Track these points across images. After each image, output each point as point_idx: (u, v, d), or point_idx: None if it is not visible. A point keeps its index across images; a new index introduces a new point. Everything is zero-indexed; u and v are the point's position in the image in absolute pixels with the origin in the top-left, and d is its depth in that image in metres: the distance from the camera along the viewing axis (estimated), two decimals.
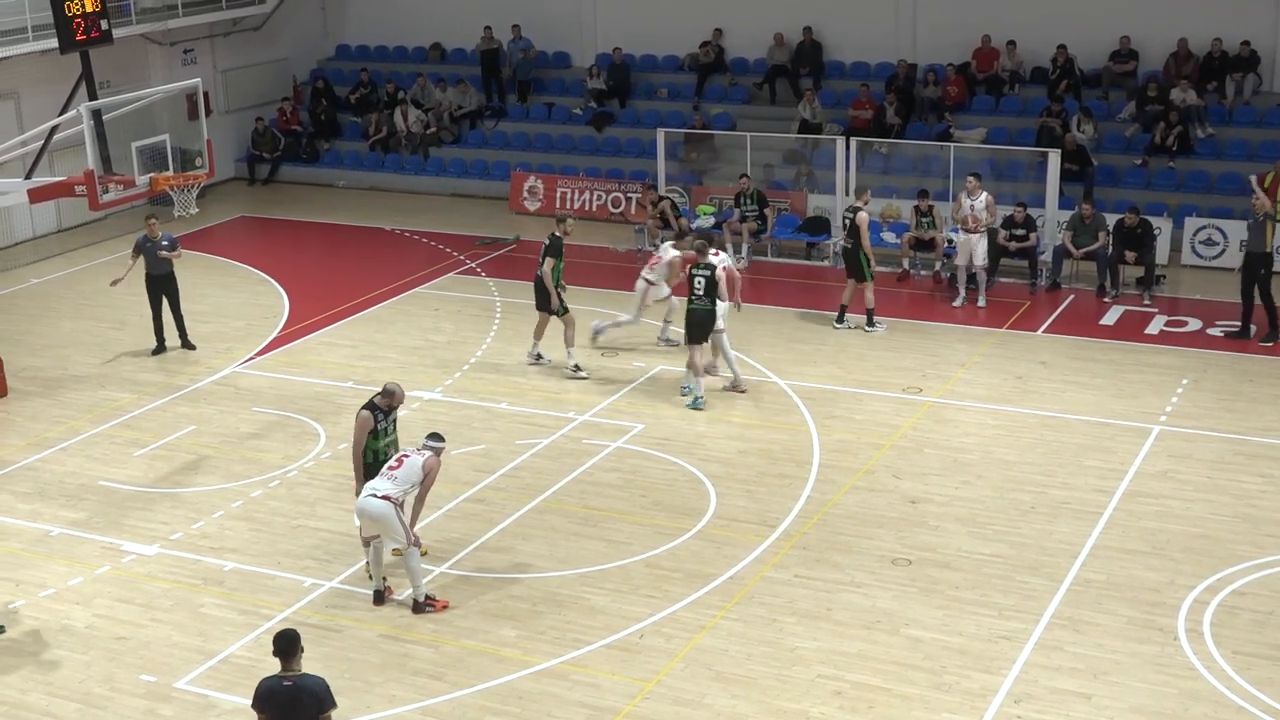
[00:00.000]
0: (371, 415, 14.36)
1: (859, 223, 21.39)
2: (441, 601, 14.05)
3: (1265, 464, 16.86)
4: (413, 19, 34.45)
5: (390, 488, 13.68)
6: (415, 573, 13.94)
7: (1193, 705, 12.20)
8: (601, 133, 30.94)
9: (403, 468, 13.82)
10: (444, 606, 14.01)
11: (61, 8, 19.82)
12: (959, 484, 16.52)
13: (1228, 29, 27.25)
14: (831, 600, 14.01)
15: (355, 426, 14.44)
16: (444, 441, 14.20)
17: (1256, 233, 20.68)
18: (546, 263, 19.77)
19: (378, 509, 13.63)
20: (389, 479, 13.76)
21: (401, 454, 14.02)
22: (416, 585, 13.99)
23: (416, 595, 14.01)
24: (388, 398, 14.53)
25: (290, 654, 10.07)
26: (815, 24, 30.17)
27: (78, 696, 12.80)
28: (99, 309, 23.90)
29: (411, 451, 14.01)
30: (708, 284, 18.66)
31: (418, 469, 13.77)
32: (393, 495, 13.64)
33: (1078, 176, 25.89)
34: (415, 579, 13.96)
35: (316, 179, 32.66)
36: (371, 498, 13.67)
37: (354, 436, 14.46)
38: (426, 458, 13.85)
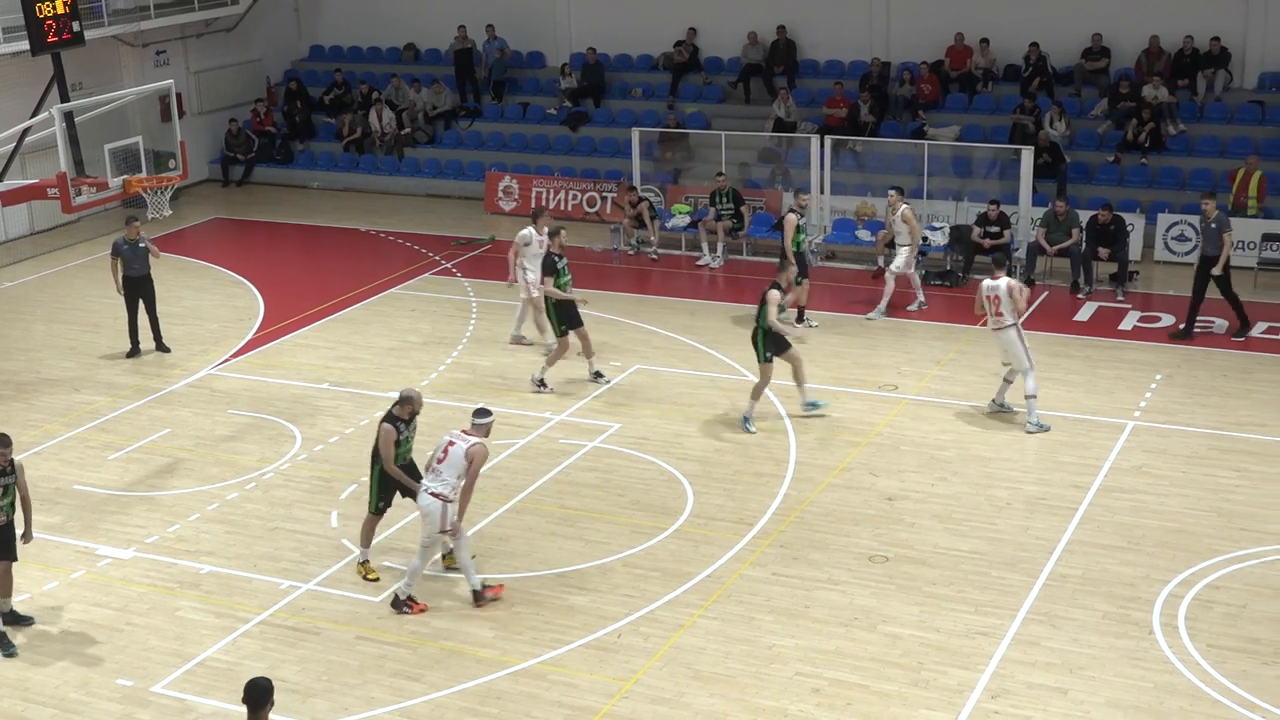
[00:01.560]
0: (394, 428, 14.10)
1: (785, 223, 21.25)
2: (420, 605, 14.02)
3: (1239, 458, 16.95)
4: (386, 19, 34.38)
5: (440, 485, 13.55)
6: (414, 573, 13.89)
7: (1168, 699, 12.26)
8: (576, 132, 30.93)
9: (448, 458, 13.57)
10: (421, 610, 13.97)
11: (33, 9, 19.74)
12: (935, 481, 16.58)
13: (1199, 26, 27.40)
14: (809, 598, 14.04)
15: (380, 442, 14.15)
16: (491, 416, 13.98)
17: (1209, 237, 20.70)
18: (546, 282, 19.15)
19: (424, 504, 13.59)
20: (436, 475, 13.61)
21: (448, 440, 13.70)
22: (408, 583, 13.91)
23: (400, 592, 13.97)
24: (406, 405, 14.21)
25: (260, 704, 9.73)
26: (789, 23, 30.23)
27: (53, 702, 12.75)
28: (73, 312, 23.79)
29: (457, 435, 13.73)
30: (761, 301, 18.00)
31: (461, 458, 13.52)
32: (445, 493, 13.52)
33: (1051, 173, 25.99)
34: (411, 578, 13.90)
35: (291, 180, 32.57)
36: (425, 492, 13.63)
37: (383, 452, 14.12)
38: (471, 445, 13.54)
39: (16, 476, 13.54)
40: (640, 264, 25.94)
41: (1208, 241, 20.69)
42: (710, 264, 25.48)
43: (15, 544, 13.69)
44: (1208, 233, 20.67)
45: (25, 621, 13.93)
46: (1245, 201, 24.49)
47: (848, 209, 26.14)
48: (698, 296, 23.94)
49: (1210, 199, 20.83)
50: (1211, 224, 20.58)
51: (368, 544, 14.72)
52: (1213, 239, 20.58)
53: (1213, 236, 20.58)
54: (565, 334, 19.35)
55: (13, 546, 13.65)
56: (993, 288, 17.82)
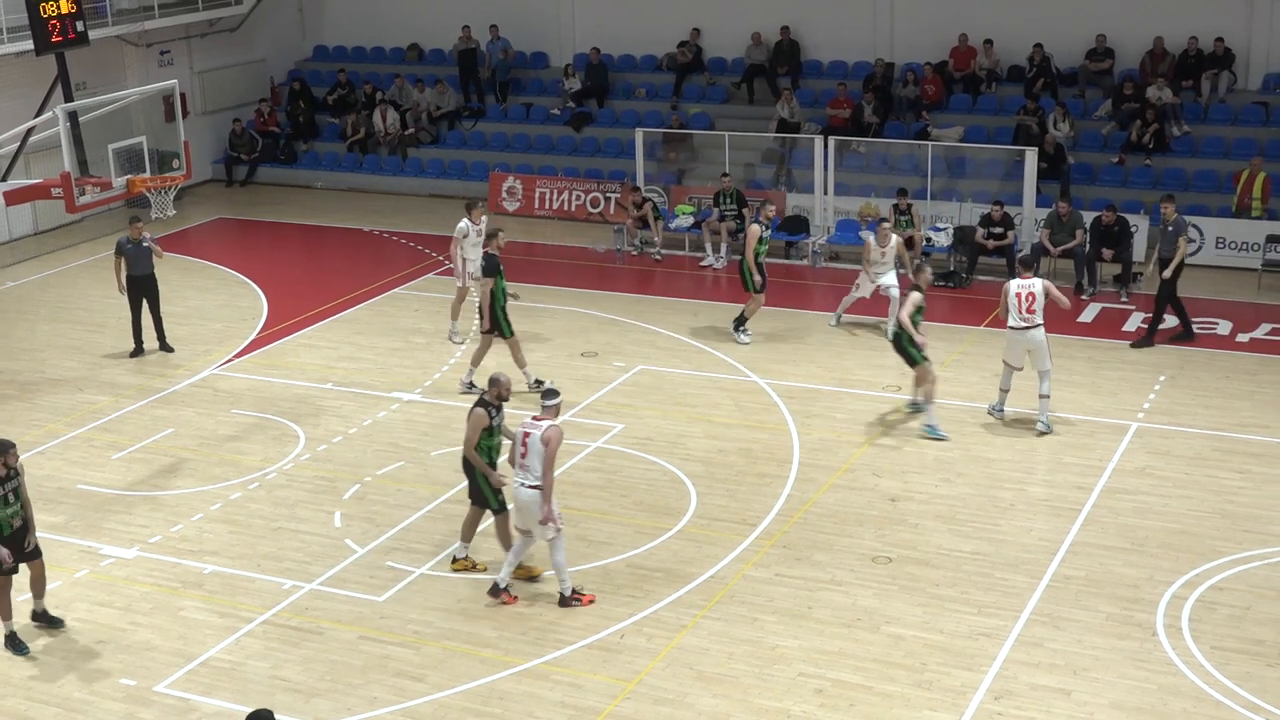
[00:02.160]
0: (486, 412, 14.06)
1: (748, 234, 20.73)
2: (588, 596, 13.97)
3: (1242, 460, 16.94)
4: (390, 20, 34.40)
5: (534, 478, 13.58)
6: (560, 567, 13.87)
7: (1171, 700, 12.25)
8: (580, 133, 30.93)
9: (529, 450, 13.59)
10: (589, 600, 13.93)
11: (37, 9, 19.76)
12: (938, 482, 16.57)
13: (1203, 27, 27.39)
14: (812, 599, 14.03)
15: (469, 425, 14.12)
16: (559, 396, 14.00)
17: (1167, 240, 20.67)
18: (486, 284, 18.92)
19: (526, 497, 13.61)
20: (525, 469, 13.62)
21: (523, 431, 13.69)
22: (563, 581, 13.91)
23: (563, 590, 13.94)
24: (494, 388, 14.14)
25: None
26: (793, 23, 30.22)
27: (56, 701, 12.75)
28: (76, 312, 23.81)
29: (530, 424, 13.72)
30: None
31: (539, 445, 13.55)
32: (540, 483, 13.57)
33: (1054, 174, 25.98)
34: (560, 573, 13.88)
35: (294, 180, 32.58)
36: (522, 487, 13.64)
37: (467, 435, 14.09)
38: (545, 429, 13.57)
39: (21, 480, 13.48)
40: (644, 264, 25.95)
41: (1165, 244, 20.66)
42: (714, 264, 25.47)
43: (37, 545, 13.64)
44: (1165, 235, 20.64)
45: (57, 624, 13.90)
46: (1249, 203, 24.48)
47: (851, 210, 26.12)
48: (701, 297, 23.94)
49: (1170, 202, 20.82)
50: (1169, 227, 20.57)
51: (505, 544, 14.50)
52: (1170, 241, 20.57)
53: (1170, 239, 20.57)
54: (496, 335, 19.15)
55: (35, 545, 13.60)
56: (1025, 286, 17.74)
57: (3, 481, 13.23)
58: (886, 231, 21.27)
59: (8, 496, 13.27)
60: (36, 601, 13.87)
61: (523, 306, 23.09)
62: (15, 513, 13.37)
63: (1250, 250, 24.03)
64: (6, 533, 13.31)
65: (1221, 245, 24.34)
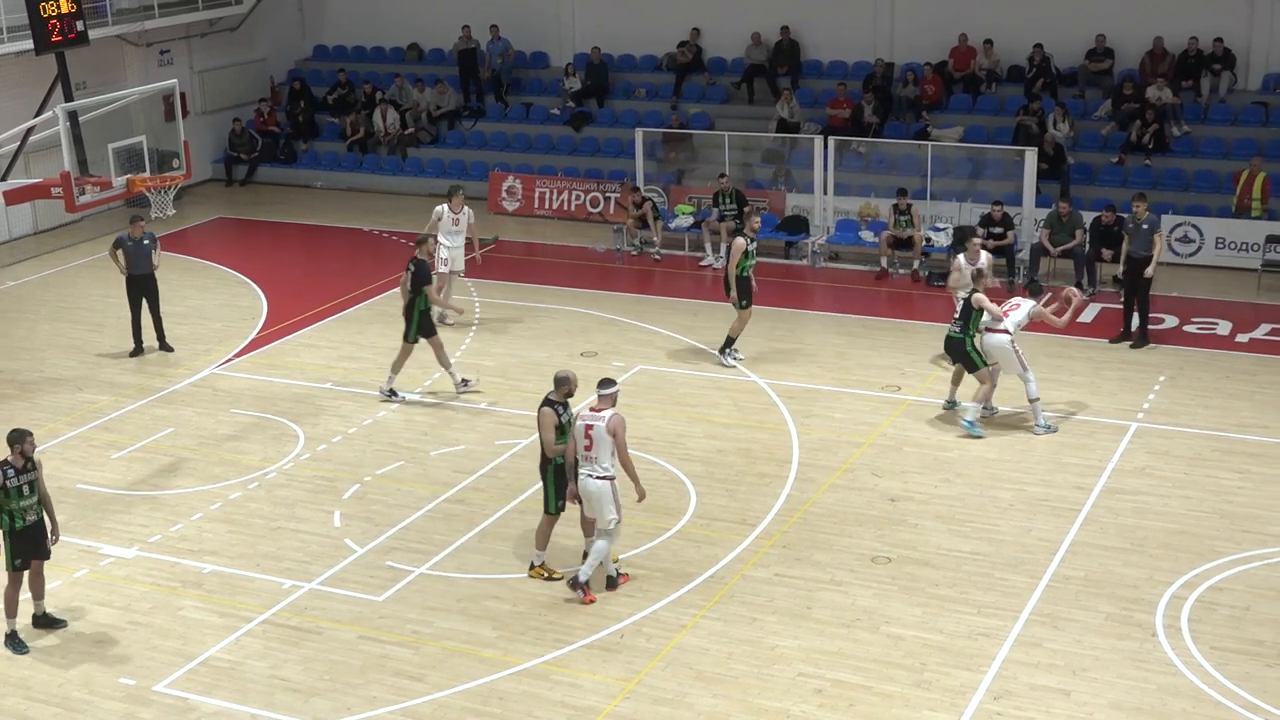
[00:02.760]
0: (553, 411, 14.05)
1: (732, 247, 20.00)
2: (590, 596, 14.03)
3: (1242, 460, 16.94)
4: (390, 19, 34.39)
5: (601, 469, 13.70)
6: (596, 555, 13.94)
7: (1171, 701, 12.25)
8: (580, 132, 30.94)
9: (594, 442, 13.67)
10: (590, 600, 13.99)
11: (37, 9, 19.75)
12: (938, 482, 16.57)
13: (1203, 27, 27.39)
14: (811, 599, 14.04)
15: (540, 428, 14.09)
16: (616, 385, 14.09)
17: (1140, 238, 20.68)
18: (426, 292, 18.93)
19: (595, 487, 13.70)
20: (592, 461, 13.71)
21: (585, 425, 13.76)
22: (587, 566, 13.97)
23: (580, 574, 13.99)
24: (561, 387, 14.12)
25: None
26: (793, 23, 30.22)
27: (56, 700, 12.75)
28: (76, 311, 23.81)
29: (589, 416, 13.77)
30: (962, 308, 18.03)
31: (605, 436, 13.63)
32: (609, 474, 13.69)
33: (1054, 175, 25.99)
34: (592, 560, 13.96)
35: (294, 180, 32.58)
36: (590, 478, 13.73)
37: (543, 438, 14.06)
38: (608, 419, 13.65)
39: (39, 474, 13.45)
40: (643, 264, 25.95)
41: (1138, 242, 20.66)
42: (713, 264, 25.46)
43: (47, 543, 13.61)
44: (1139, 234, 20.65)
45: (58, 624, 13.89)
46: (1249, 203, 24.48)
47: (851, 210, 26.13)
48: (701, 297, 23.93)
49: (1142, 200, 20.86)
50: (1143, 225, 20.60)
51: (543, 546, 14.53)
52: (1144, 240, 20.59)
53: (1144, 237, 20.59)
54: (417, 341, 19.08)
55: (44, 544, 13.57)
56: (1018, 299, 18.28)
57: (19, 472, 13.20)
58: (976, 248, 19.83)
59: (22, 488, 13.23)
60: (37, 604, 13.84)
61: (523, 306, 23.18)
62: (31, 505, 13.33)
63: (1250, 250, 24.04)
64: (20, 526, 13.27)
65: (1221, 245, 24.35)
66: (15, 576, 13.49)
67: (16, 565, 13.40)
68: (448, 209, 21.88)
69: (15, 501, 13.22)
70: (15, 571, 13.45)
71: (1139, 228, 20.63)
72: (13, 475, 13.17)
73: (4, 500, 13.19)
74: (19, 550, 13.36)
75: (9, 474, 13.16)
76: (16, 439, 13.26)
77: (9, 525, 13.26)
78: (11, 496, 13.19)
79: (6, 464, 13.20)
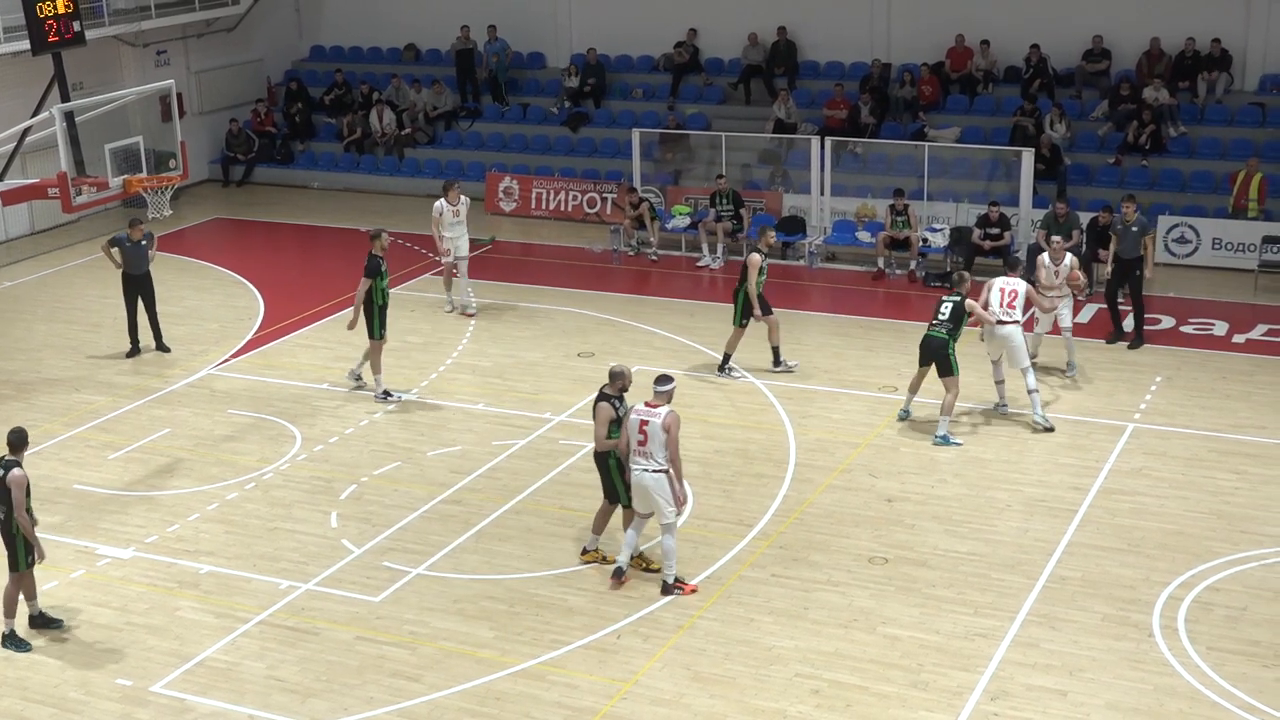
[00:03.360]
0: (610, 405, 14.19)
1: (748, 263, 19.50)
2: (690, 586, 14.11)
3: (1238, 460, 16.95)
4: (387, 20, 34.38)
5: (656, 463, 13.77)
6: (670, 553, 14.02)
7: (1168, 701, 12.26)
8: (577, 133, 30.93)
9: (649, 437, 13.75)
10: (692, 590, 14.08)
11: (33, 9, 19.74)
12: (935, 482, 16.58)
13: (1200, 28, 27.41)
14: (808, 599, 14.04)
15: (596, 421, 14.25)
16: (673, 382, 14.20)
17: (1128, 239, 20.70)
18: (361, 284, 18.97)
19: (652, 481, 13.77)
20: (646, 455, 13.79)
21: (640, 420, 13.83)
22: (669, 567, 14.05)
23: (666, 577, 14.08)
24: (616, 381, 14.28)
25: None
26: (790, 24, 30.23)
27: (53, 701, 12.75)
28: (73, 312, 23.79)
29: (645, 411, 13.87)
30: (952, 310, 17.72)
31: (660, 431, 13.71)
32: (665, 466, 13.77)
33: (1051, 175, 26.01)
34: (668, 559, 14.02)
35: (291, 180, 32.56)
36: (645, 472, 13.79)
37: (596, 432, 14.25)
38: (665, 417, 13.74)
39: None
40: (640, 265, 25.95)
41: (1126, 244, 20.69)
42: (710, 265, 25.48)
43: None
44: (1127, 235, 20.68)
45: (55, 624, 13.89)
46: (1246, 204, 24.50)
47: (848, 210, 26.13)
48: (697, 298, 23.94)
49: (1131, 202, 20.91)
50: (1133, 227, 20.63)
51: (598, 531, 14.77)
52: (1133, 242, 20.63)
53: (1133, 239, 20.63)
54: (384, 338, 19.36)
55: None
56: (1009, 284, 18.05)
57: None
58: (1059, 248, 19.31)
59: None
60: (30, 604, 13.84)
61: (520, 307, 23.18)
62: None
63: (1246, 251, 24.06)
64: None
65: (1218, 246, 24.36)
66: (17, 576, 13.51)
67: (30, 563, 13.45)
68: (445, 203, 22.60)
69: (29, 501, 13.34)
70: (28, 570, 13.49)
71: (1127, 230, 20.68)
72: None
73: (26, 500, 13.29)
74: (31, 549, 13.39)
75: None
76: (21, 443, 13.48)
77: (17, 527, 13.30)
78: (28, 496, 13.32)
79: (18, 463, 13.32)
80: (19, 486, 13.22)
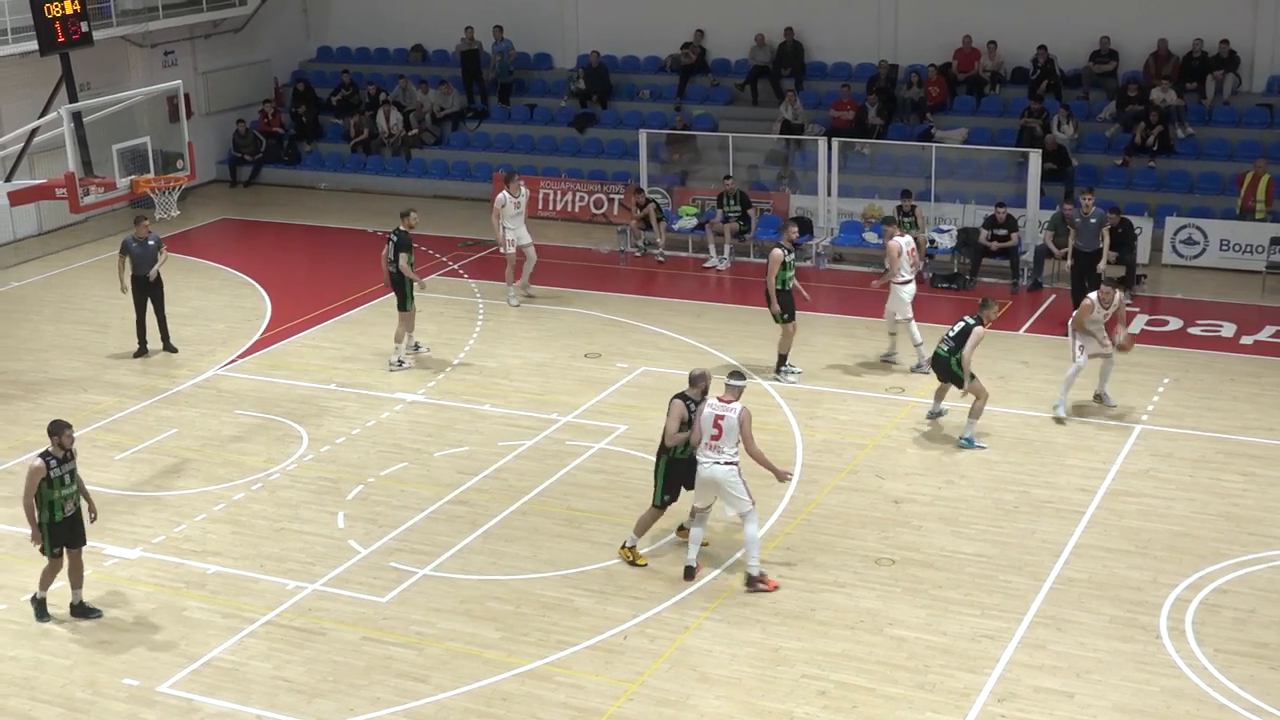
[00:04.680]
0: (685, 405, 14.33)
1: (771, 259, 19.42)
2: (771, 582, 14.18)
3: (1246, 462, 16.93)
4: (394, 21, 34.40)
5: (725, 457, 13.98)
6: (753, 543, 14.12)
7: (1175, 703, 12.24)
8: (583, 134, 30.93)
9: (724, 432, 13.95)
10: (773, 587, 14.14)
11: (42, 10, 19.74)
12: (942, 484, 16.56)
13: (1207, 29, 27.37)
14: (815, 600, 14.03)
15: (669, 415, 14.39)
16: (745, 380, 14.46)
17: (1087, 232, 20.79)
18: (401, 258, 20.26)
19: (722, 473, 13.94)
20: (716, 449, 14.00)
21: (715, 414, 14.00)
22: (752, 558, 14.15)
23: (750, 570, 14.17)
24: (698, 384, 14.39)
25: None
26: (797, 25, 30.22)
27: (60, 701, 12.76)
28: (80, 312, 23.83)
29: (719, 406, 14.04)
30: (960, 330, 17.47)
31: (735, 427, 13.93)
32: (736, 459, 13.98)
33: (1058, 176, 25.98)
34: (752, 550, 14.13)
35: (298, 181, 32.59)
36: (715, 465, 13.96)
37: (668, 426, 14.40)
38: (740, 412, 13.98)
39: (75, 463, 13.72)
40: (647, 266, 25.95)
41: (1086, 237, 20.79)
42: (717, 266, 25.48)
43: (85, 531, 13.93)
44: (1086, 228, 20.80)
45: (94, 614, 14.03)
46: (1253, 205, 24.47)
47: (855, 211, 26.12)
48: (704, 299, 23.94)
49: (1089, 194, 21.07)
50: (1091, 219, 20.75)
51: (642, 533, 14.86)
52: (1092, 234, 20.71)
53: (1092, 231, 20.73)
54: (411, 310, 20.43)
55: (81, 532, 13.87)
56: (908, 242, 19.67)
57: (60, 462, 13.47)
58: (1109, 293, 18.05)
59: (64, 477, 13.49)
60: (75, 593, 14.02)
61: (526, 307, 23.20)
62: (70, 495, 13.60)
63: (1254, 252, 24.02)
64: (60, 517, 13.53)
65: (1225, 248, 24.33)
66: (55, 563, 13.74)
67: (55, 554, 13.67)
68: (508, 195, 23.07)
69: (57, 491, 13.47)
70: (54, 559, 13.71)
71: (1086, 221, 20.85)
72: (54, 465, 13.45)
73: (46, 491, 13.43)
74: (57, 539, 13.61)
75: (51, 464, 13.42)
76: (56, 430, 13.53)
77: (49, 517, 13.52)
78: (54, 486, 13.45)
79: (48, 454, 13.47)
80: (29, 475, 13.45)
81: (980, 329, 17.36)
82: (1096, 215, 20.76)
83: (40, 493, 13.48)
